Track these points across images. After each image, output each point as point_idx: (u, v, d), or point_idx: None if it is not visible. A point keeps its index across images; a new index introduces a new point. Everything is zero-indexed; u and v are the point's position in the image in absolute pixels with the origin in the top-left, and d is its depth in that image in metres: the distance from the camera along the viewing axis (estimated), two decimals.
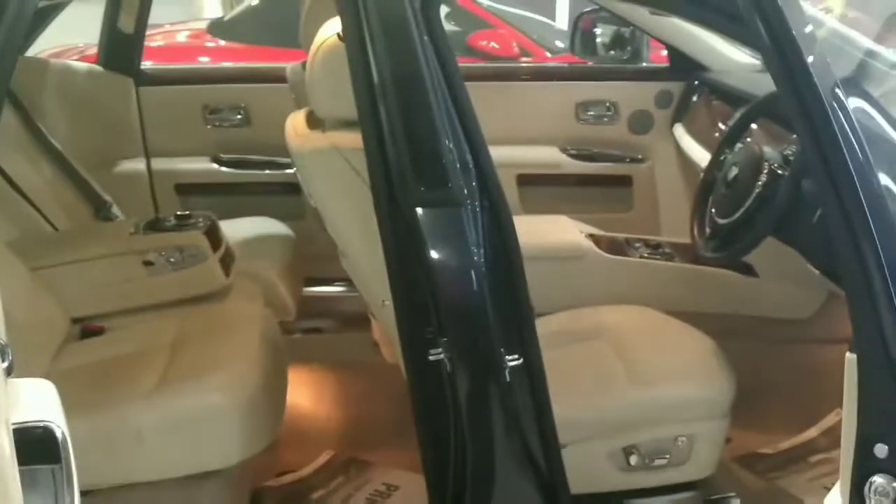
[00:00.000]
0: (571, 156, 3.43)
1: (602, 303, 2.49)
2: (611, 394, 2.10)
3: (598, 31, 3.57)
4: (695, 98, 3.28)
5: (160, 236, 2.58)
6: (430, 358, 1.70)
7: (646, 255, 2.76)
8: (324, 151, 1.92)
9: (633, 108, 3.39)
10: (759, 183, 2.05)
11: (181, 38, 6.52)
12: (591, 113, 3.41)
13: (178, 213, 2.69)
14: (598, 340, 2.31)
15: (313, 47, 1.94)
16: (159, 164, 3.45)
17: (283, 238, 3.14)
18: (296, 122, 2.07)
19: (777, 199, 1.98)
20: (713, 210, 2.26)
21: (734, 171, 2.18)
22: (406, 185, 1.67)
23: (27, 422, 1.18)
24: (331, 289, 3.42)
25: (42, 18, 3.17)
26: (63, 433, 1.18)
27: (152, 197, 3.43)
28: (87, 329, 2.48)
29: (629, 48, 3.53)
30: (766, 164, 2.06)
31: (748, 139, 2.33)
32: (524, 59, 5.69)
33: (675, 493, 2.12)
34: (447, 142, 1.68)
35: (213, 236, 2.61)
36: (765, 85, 2.81)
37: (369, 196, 1.73)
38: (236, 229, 3.00)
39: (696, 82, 3.25)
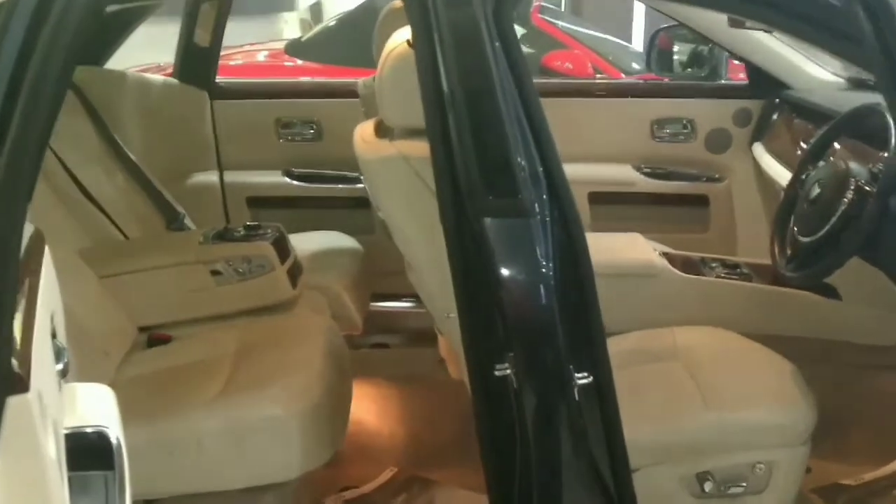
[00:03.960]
0: (646, 174, 3.35)
1: (676, 323, 2.40)
2: (685, 417, 2.01)
3: (675, 48, 3.50)
4: (775, 116, 3.18)
5: (228, 246, 2.58)
6: (496, 373, 1.65)
7: (722, 274, 2.66)
8: (391, 160, 1.88)
9: (710, 127, 3.31)
10: (845, 200, 1.97)
11: (260, 57, 6.63)
12: (668, 130, 3.34)
13: (247, 223, 2.68)
14: (671, 361, 2.23)
15: (383, 55, 1.92)
16: (232, 176, 3.47)
17: (351, 252, 3.11)
18: (364, 131, 2.05)
19: (864, 218, 1.89)
20: (795, 228, 2.17)
21: (818, 188, 2.09)
22: (474, 194, 1.63)
23: (81, 426, 1.16)
24: (398, 304, 3.39)
25: (119, 31, 3.21)
26: (118, 439, 1.16)
27: (224, 209, 3.45)
28: (155, 338, 2.48)
29: (707, 66, 3.46)
30: (853, 180, 1.98)
31: (831, 157, 2.24)
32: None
33: None
34: (517, 152, 1.64)
35: (281, 247, 2.60)
36: (850, 103, 2.77)
37: (436, 205, 1.70)
38: (305, 242, 2.99)
39: (777, 100, 3.15)
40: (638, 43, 8.42)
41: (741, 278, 2.65)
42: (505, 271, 1.62)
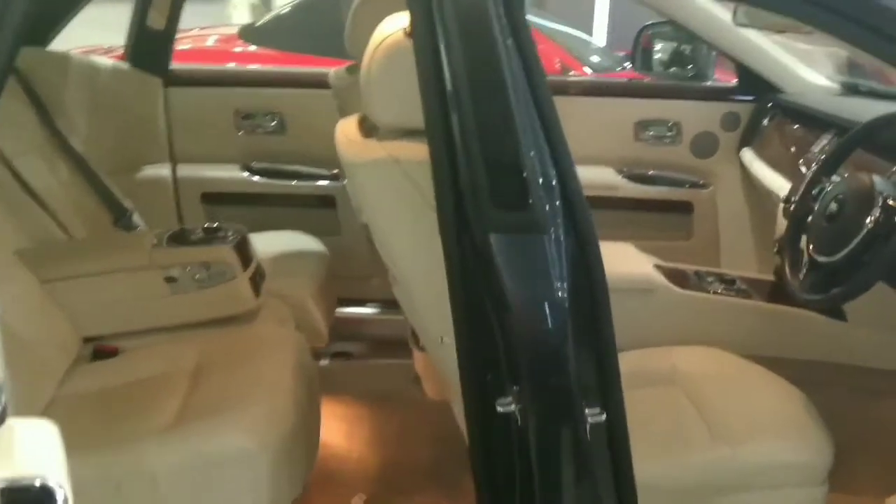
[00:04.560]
0: (628, 178, 3.19)
1: (672, 341, 2.24)
2: (693, 451, 1.84)
3: (656, 47, 3.34)
4: (766, 121, 3.04)
5: (185, 250, 2.34)
6: (499, 409, 1.46)
7: (720, 290, 2.49)
8: (380, 163, 1.67)
9: (696, 130, 3.16)
10: (871, 218, 1.80)
11: (211, 41, 6.35)
12: (651, 133, 3.18)
13: (206, 225, 2.44)
14: (670, 386, 2.07)
15: (371, 45, 1.69)
16: (185, 170, 3.26)
17: (316, 255, 2.90)
18: (347, 129, 1.83)
19: (893, 238, 1.73)
20: (811, 247, 2.01)
21: (835, 204, 1.93)
22: (479, 205, 1.43)
23: (22, 479, 0.98)
24: (364, 310, 3.23)
25: (67, 7, 2.95)
26: (65, 494, 0.99)
27: (177, 206, 3.24)
28: (100, 350, 2.25)
29: (692, 66, 3.30)
30: (880, 196, 1.81)
31: (846, 171, 2.09)
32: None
33: None
34: (530, 157, 1.44)
35: (244, 252, 2.37)
36: (846, 109, 2.65)
37: (431, 216, 1.50)
38: (266, 244, 2.78)
39: (770, 104, 3.00)
40: (600, 36, 8.31)
41: (740, 295, 2.48)
42: (513, 294, 1.43)
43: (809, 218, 2.11)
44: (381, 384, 2.81)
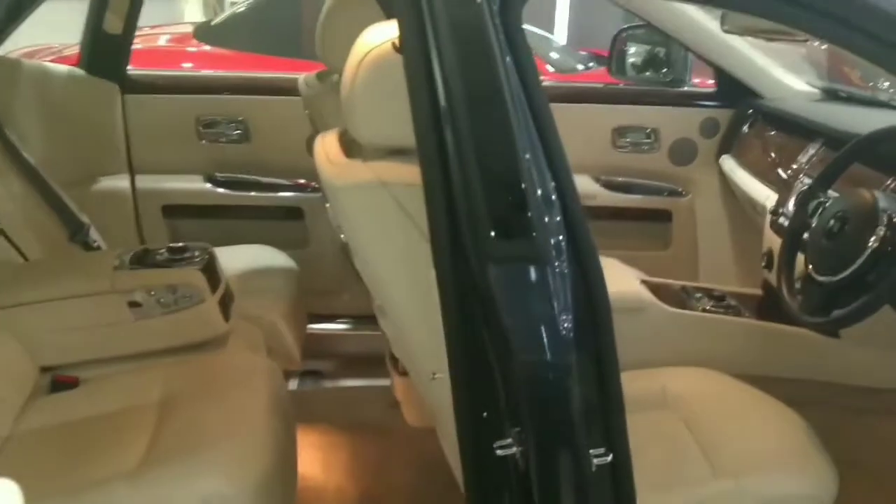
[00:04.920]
0: (605, 186, 3.10)
1: (662, 362, 2.16)
2: (693, 485, 1.75)
3: (630, 50, 3.25)
4: (746, 128, 2.97)
5: (150, 273, 2.20)
6: (497, 452, 1.36)
7: (709, 307, 2.41)
8: (366, 186, 1.55)
9: (675, 136, 3.09)
10: (875, 237, 1.74)
11: (163, 41, 6.15)
12: (629, 139, 3.11)
13: (171, 244, 2.30)
14: (663, 410, 1.99)
15: (354, 57, 1.57)
16: (145, 182, 3.11)
17: (284, 272, 2.77)
18: (328, 148, 1.70)
19: None
20: (810, 266, 1.93)
21: (835, 221, 1.86)
22: (477, 233, 1.32)
23: None
24: (335, 326, 3.10)
25: (17, 11, 2.78)
26: None
27: (136, 219, 3.09)
28: (59, 381, 2.10)
29: (665, 70, 3.22)
30: (884, 214, 1.74)
31: (843, 186, 2.02)
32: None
33: None
34: (532, 180, 1.34)
35: (212, 273, 2.24)
36: (828, 116, 2.58)
37: (423, 244, 1.39)
38: (232, 260, 2.63)
39: (751, 110, 2.93)
40: (561, 35, 8.25)
41: (729, 312, 2.41)
42: (513, 328, 1.32)
43: (805, 234, 2.04)
44: (358, 410, 2.69)
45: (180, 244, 2.29)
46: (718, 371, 2.13)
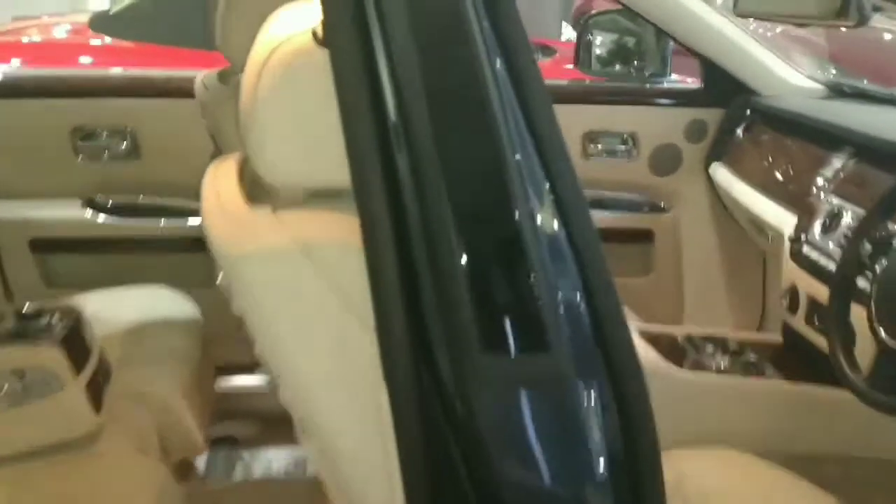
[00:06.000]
0: None
1: (674, 440, 1.69)
2: None
3: (595, 40, 2.79)
4: (741, 131, 2.52)
5: None
6: None
7: (724, 365, 1.93)
8: (279, 255, 1.00)
9: (656, 142, 2.64)
10: None
11: (60, 33, 5.53)
12: (601, 146, 2.64)
13: (22, 310, 1.74)
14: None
15: (256, 57, 1.03)
16: (8, 209, 2.59)
17: (184, 323, 2.23)
18: (222, 188, 1.15)
19: None
20: (875, 323, 1.47)
21: None
22: (457, 338, 0.85)
23: None
24: (249, 380, 2.58)
25: None
26: None
27: None
28: None
29: (636, 63, 2.77)
30: None
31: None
32: None
33: None
34: (536, 238, 0.87)
35: (76, 346, 1.68)
36: (837, 114, 2.19)
37: (368, 343, 0.90)
38: (114, 309, 2.16)
39: (748, 110, 2.48)
40: None
41: (750, 371, 1.93)
42: (517, 482, 0.88)
43: (861, 281, 1.57)
44: None
45: (33, 310, 1.73)
46: (743, 449, 1.70)
